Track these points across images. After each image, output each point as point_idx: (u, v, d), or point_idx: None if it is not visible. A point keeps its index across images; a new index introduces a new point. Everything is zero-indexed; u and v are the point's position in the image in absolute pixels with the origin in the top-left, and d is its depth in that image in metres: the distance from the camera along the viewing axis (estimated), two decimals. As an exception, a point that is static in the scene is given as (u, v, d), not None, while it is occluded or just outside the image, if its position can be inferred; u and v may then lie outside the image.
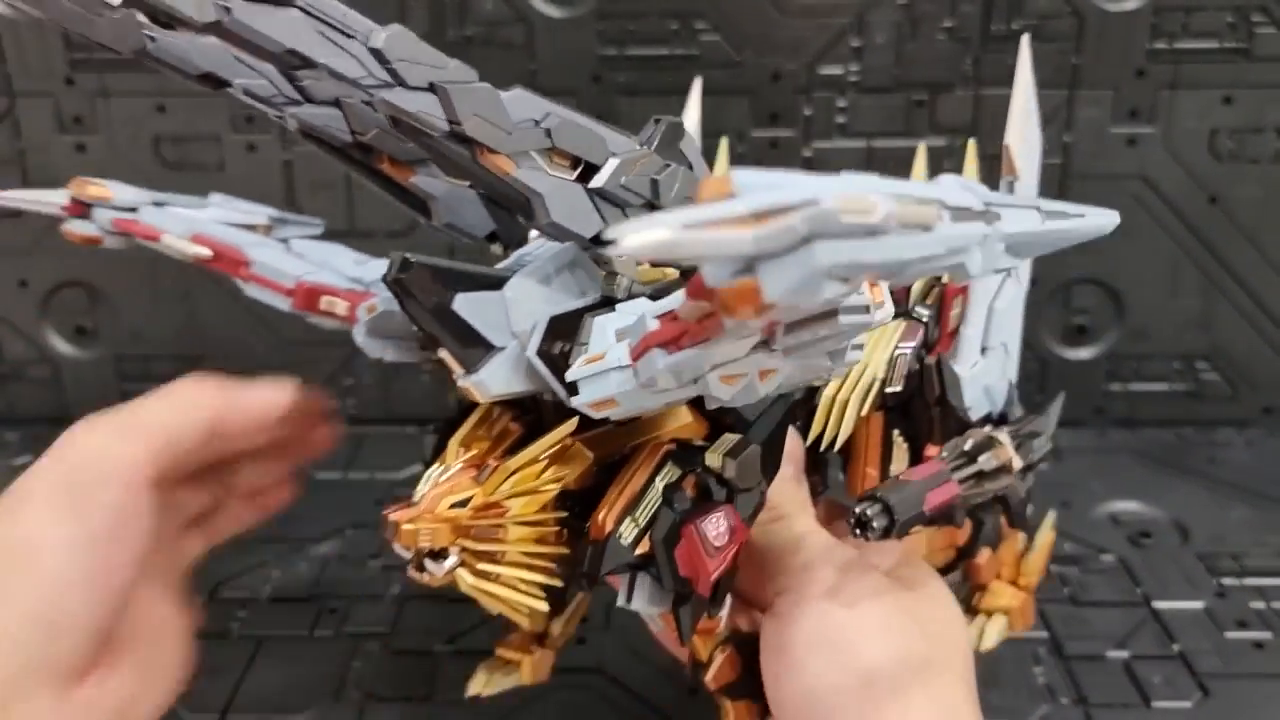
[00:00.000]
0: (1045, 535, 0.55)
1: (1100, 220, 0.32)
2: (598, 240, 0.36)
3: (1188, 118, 0.75)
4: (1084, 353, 0.81)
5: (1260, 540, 0.68)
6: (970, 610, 0.53)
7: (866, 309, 0.29)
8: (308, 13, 0.31)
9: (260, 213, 0.49)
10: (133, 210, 0.46)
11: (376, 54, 0.32)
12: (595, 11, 0.74)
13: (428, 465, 0.38)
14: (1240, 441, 0.80)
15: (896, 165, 0.54)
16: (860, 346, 0.35)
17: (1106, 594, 0.63)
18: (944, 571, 0.48)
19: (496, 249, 0.39)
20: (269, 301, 0.45)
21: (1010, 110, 0.47)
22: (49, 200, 0.47)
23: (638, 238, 0.20)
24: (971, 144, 0.49)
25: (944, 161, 0.73)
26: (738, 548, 0.37)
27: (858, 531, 0.36)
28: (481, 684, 0.50)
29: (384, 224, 0.79)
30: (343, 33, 0.32)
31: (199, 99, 0.76)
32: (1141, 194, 0.77)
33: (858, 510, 0.36)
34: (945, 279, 0.44)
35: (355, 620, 0.62)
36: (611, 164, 0.36)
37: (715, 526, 0.37)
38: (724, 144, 0.59)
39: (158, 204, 0.47)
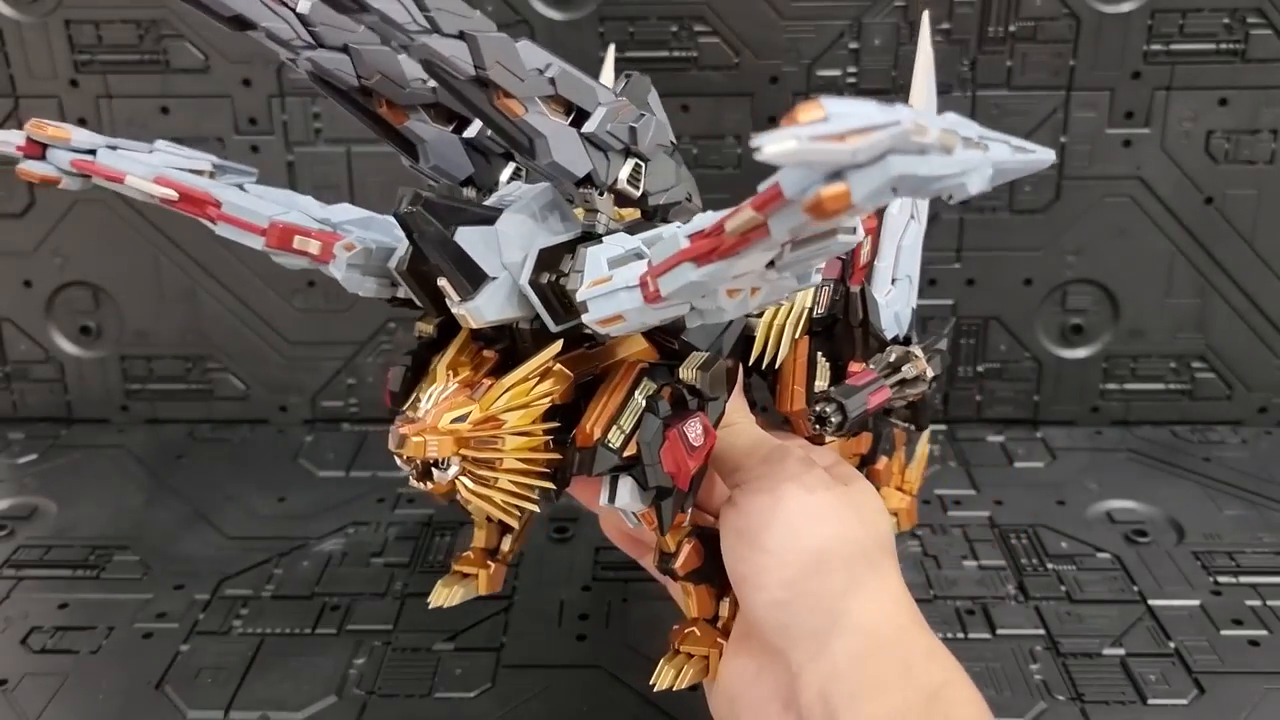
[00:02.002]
0: (922, 447, 0.62)
1: (1044, 156, 0.36)
2: (585, 181, 0.40)
3: (1183, 119, 0.75)
4: (1080, 352, 0.81)
5: (1256, 538, 0.68)
6: None
7: (855, 230, 0.33)
8: None
9: (203, 159, 0.48)
10: (91, 153, 0.46)
11: (418, 1, 0.37)
12: (595, 14, 0.74)
13: (396, 396, 0.43)
14: (1235, 440, 0.80)
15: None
16: (820, 270, 0.40)
17: (1103, 592, 0.63)
18: None
19: (469, 192, 0.45)
20: (241, 240, 0.45)
21: (914, 77, 0.52)
22: (4, 140, 0.47)
23: (773, 147, 0.26)
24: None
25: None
26: (709, 448, 0.42)
27: (818, 426, 0.41)
28: (443, 596, 0.52)
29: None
30: None
31: (202, 101, 0.77)
32: (1137, 195, 0.77)
33: (817, 409, 0.42)
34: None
35: (357, 618, 0.62)
36: (600, 112, 0.40)
37: (693, 429, 0.42)
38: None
39: (112, 147, 0.46)
